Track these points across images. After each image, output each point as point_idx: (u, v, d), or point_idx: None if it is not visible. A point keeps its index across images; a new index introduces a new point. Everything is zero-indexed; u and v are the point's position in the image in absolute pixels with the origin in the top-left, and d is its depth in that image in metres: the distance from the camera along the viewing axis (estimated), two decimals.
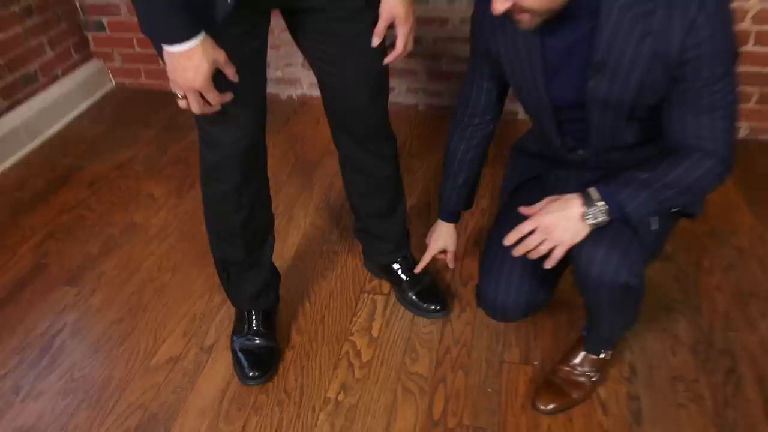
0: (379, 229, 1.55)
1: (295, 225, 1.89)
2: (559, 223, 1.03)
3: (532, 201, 1.30)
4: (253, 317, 1.46)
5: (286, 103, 2.56)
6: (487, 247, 1.32)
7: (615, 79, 1.04)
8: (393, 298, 1.62)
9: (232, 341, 1.47)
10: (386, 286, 1.65)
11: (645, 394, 1.37)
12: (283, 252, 1.78)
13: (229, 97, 1.06)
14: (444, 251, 1.45)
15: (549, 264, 1.05)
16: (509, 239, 1.08)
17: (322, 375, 1.43)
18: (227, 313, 1.56)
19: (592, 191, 1.03)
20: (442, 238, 1.46)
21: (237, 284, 1.43)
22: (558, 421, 1.32)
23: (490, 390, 1.39)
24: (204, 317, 1.59)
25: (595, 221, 1.02)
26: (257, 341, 1.44)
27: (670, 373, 1.42)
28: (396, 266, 1.59)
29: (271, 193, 1.40)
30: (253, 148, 1.23)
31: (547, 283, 1.26)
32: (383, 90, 1.29)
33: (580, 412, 1.34)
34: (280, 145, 2.27)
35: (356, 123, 1.32)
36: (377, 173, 1.44)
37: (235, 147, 1.18)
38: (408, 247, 1.62)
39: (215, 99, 1.03)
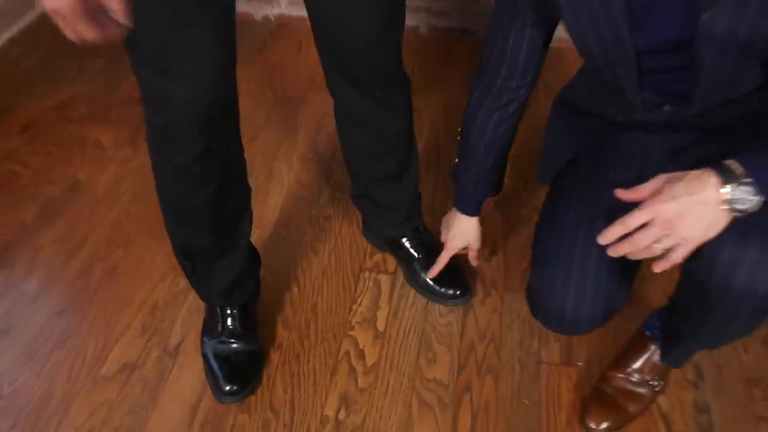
0: (386, 196, 1.23)
1: (277, 182, 1.55)
2: (689, 212, 0.71)
3: (600, 177, 0.98)
4: (228, 315, 1.15)
5: (260, 25, 2.14)
6: (541, 238, 1.02)
7: (742, 4, 0.71)
8: (400, 277, 1.32)
9: (202, 343, 1.17)
10: (391, 261, 1.35)
11: (715, 402, 1.12)
12: (263, 217, 1.45)
13: (121, 23, 0.65)
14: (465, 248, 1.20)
15: (661, 268, 0.75)
16: (609, 235, 0.77)
17: (318, 384, 1.15)
18: (197, 300, 1.25)
19: (733, 165, 0.71)
20: (464, 235, 1.17)
21: (204, 276, 1.11)
22: None
23: (526, 401, 1.12)
24: (167, 307, 1.28)
25: (741, 208, 0.70)
26: (234, 345, 1.14)
27: (743, 375, 1.16)
28: (405, 241, 1.28)
29: (246, 140, 1.06)
30: (219, 105, 0.88)
31: (627, 280, 0.97)
32: (397, 19, 0.94)
33: (638, 428, 1.09)
34: (254, 79, 1.88)
35: (359, 64, 0.97)
36: (386, 128, 1.10)
37: (192, 107, 0.84)
38: (420, 216, 1.30)
39: (86, 30, 0.65)
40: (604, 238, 0.79)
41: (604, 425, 1.07)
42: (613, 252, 0.78)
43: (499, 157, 1.07)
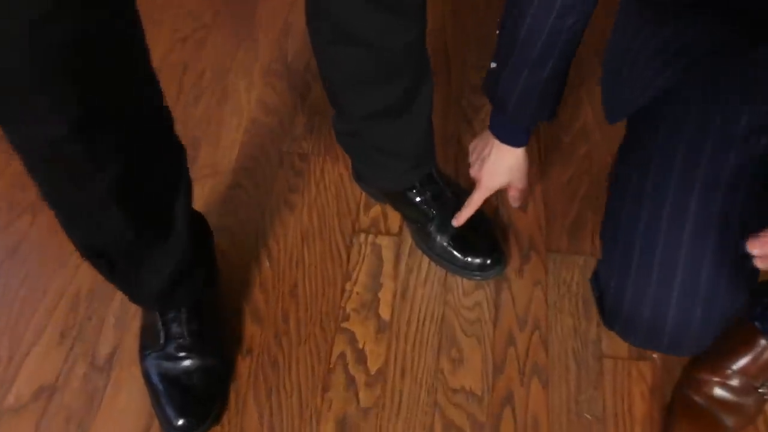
0: (386, 136, 0.86)
1: (234, 107, 1.16)
2: None
3: (717, 125, 0.64)
4: (172, 321, 0.82)
5: None
6: (620, 217, 0.69)
7: None
8: (408, 240, 0.98)
9: (142, 357, 0.84)
10: (395, 217, 1.00)
11: None
12: (216, 162, 1.08)
13: None
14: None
15: None
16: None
17: (305, 405, 0.84)
18: None
19: None
20: (505, 172, 0.82)
21: (129, 276, 0.76)
22: None
23: (588, 416, 0.83)
24: (93, 299, 0.94)
25: None
26: (185, 362, 0.82)
27: None
28: (414, 194, 0.93)
29: (190, 47, 0.75)
30: (100, 30, 0.50)
31: (751, 280, 0.65)
32: None
33: None
34: None
35: None
36: (391, 43, 0.72)
37: (43, 36, 0.45)
38: (433, 159, 0.94)
39: None
40: (756, 246, 0.47)
41: None
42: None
43: (561, 62, 0.70)
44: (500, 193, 0.95)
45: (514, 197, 0.91)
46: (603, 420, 0.83)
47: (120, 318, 0.92)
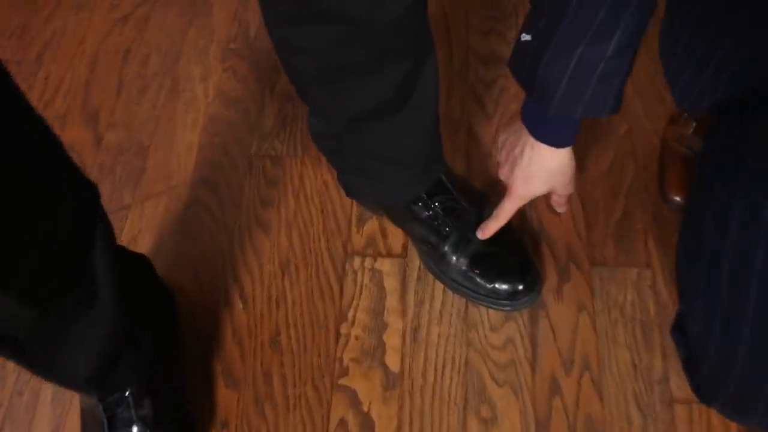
0: (381, 139, 0.65)
1: (187, 100, 0.94)
2: None
3: None
4: (117, 407, 0.62)
5: None
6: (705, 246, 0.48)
7: None
8: (415, 261, 0.78)
9: None
10: (396, 232, 0.80)
11: None
12: (170, 170, 0.87)
13: None
14: None
15: None
16: None
17: None
18: None
19: None
20: (544, 177, 0.63)
21: (48, 362, 0.56)
22: None
23: None
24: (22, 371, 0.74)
25: None
26: None
27: None
28: (421, 208, 0.72)
29: (131, 29, 0.69)
30: None
31: None
32: None
33: None
34: None
35: None
36: (374, 16, 0.51)
37: None
38: (442, 158, 0.73)
39: None
40: None
41: None
42: None
43: (635, 28, 0.48)
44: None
45: (557, 203, 0.71)
46: None
47: (58, 393, 0.72)
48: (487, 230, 0.71)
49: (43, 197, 0.46)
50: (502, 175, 0.67)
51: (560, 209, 0.74)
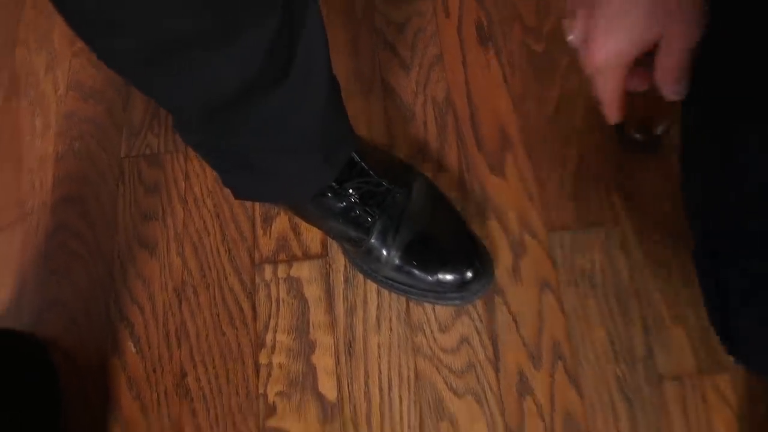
0: (264, 124, 0.49)
1: (34, 99, 0.75)
2: None
3: None
4: None
5: None
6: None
7: None
8: (339, 260, 0.64)
9: None
10: (312, 230, 0.66)
11: None
12: (22, 194, 0.69)
13: None
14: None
15: None
16: None
17: None
18: None
19: None
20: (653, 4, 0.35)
21: None
22: None
23: None
24: None
25: None
26: None
27: None
28: (335, 199, 0.58)
29: None
30: None
31: None
32: None
33: None
34: None
35: None
36: None
37: None
38: (352, 132, 0.58)
39: None
40: None
41: None
42: None
43: None
44: (464, 144, 0.62)
45: (668, 70, 0.39)
46: None
47: None
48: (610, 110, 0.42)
49: None
50: (576, 32, 0.40)
51: (671, 88, 0.40)
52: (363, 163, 0.58)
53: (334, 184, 0.56)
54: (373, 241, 0.59)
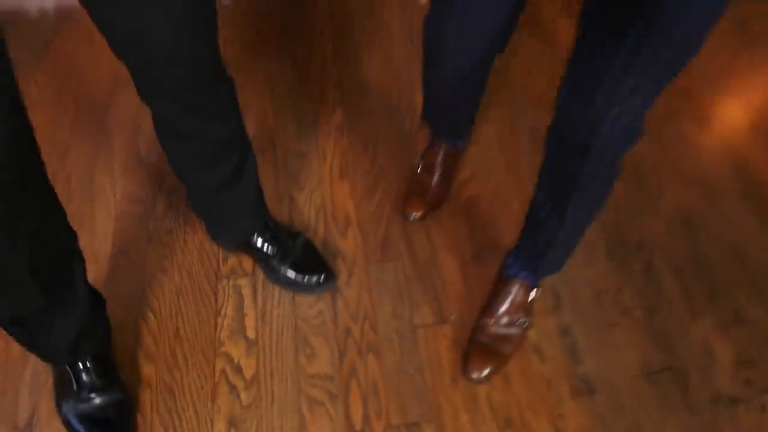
0: (227, 202, 1.15)
1: (102, 202, 1.40)
2: None
3: None
4: (81, 370, 1.04)
5: (39, 22, 1.87)
6: None
7: None
8: (261, 277, 1.27)
9: (59, 409, 1.05)
10: (248, 262, 1.29)
11: (575, 322, 1.21)
12: (96, 249, 1.31)
13: None
14: None
15: None
16: None
17: (200, 414, 1.09)
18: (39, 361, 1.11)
19: None
20: None
21: (41, 338, 0.98)
22: (495, 386, 1.13)
23: (411, 370, 1.15)
24: (4, 376, 1.13)
25: None
26: (97, 400, 1.04)
27: (593, 289, 1.26)
28: (257, 240, 1.22)
29: (55, 162, 0.93)
30: (15, 153, 0.75)
31: None
32: (208, 23, 0.84)
33: (516, 366, 1.16)
34: (47, 85, 1.66)
35: (167, 75, 0.86)
36: (212, 137, 1.01)
37: None
38: (266, 211, 1.24)
39: None
40: None
41: (485, 372, 1.12)
42: None
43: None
44: (327, 224, 1.28)
45: None
46: (421, 371, 1.15)
47: (31, 388, 1.11)
48: None
49: (61, 240, 0.90)
50: None
51: None
52: (271, 224, 1.23)
53: (257, 232, 1.21)
54: (275, 262, 1.22)
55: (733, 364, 1.16)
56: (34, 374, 1.12)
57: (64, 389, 1.04)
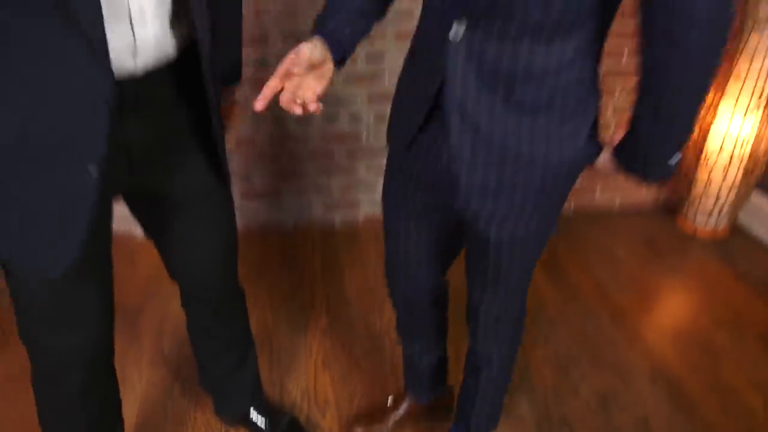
0: (231, 383, 1.50)
1: (130, 388, 1.74)
2: None
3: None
4: None
5: None
6: None
7: None
8: None
9: None
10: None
11: None
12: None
13: None
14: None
15: None
16: None
17: None
18: None
19: None
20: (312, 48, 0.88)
21: None
22: None
23: None
24: None
25: None
26: None
27: None
28: (253, 413, 1.55)
29: None
30: (103, 345, 1.13)
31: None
32: (236, 241, 1.26)
33: None
34: None
35: (209, 286, 1.26)
36: (230, 333, 1.40)
37: (78, 353, 1.07)
38: (262, 391, 1.58)
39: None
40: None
41: None
42: None
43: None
44: (310, 405, 1.60)
45: (312, 100, 0.85)
46: None
47: None
48: (261, 96, 0.82)
49: (113, 406, 1.25)
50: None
51: (312, 107, 0.84)
52: (263, 398, 1.56)
53: (254, 406, 1.54)
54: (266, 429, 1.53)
55: None
56: None
57: None
